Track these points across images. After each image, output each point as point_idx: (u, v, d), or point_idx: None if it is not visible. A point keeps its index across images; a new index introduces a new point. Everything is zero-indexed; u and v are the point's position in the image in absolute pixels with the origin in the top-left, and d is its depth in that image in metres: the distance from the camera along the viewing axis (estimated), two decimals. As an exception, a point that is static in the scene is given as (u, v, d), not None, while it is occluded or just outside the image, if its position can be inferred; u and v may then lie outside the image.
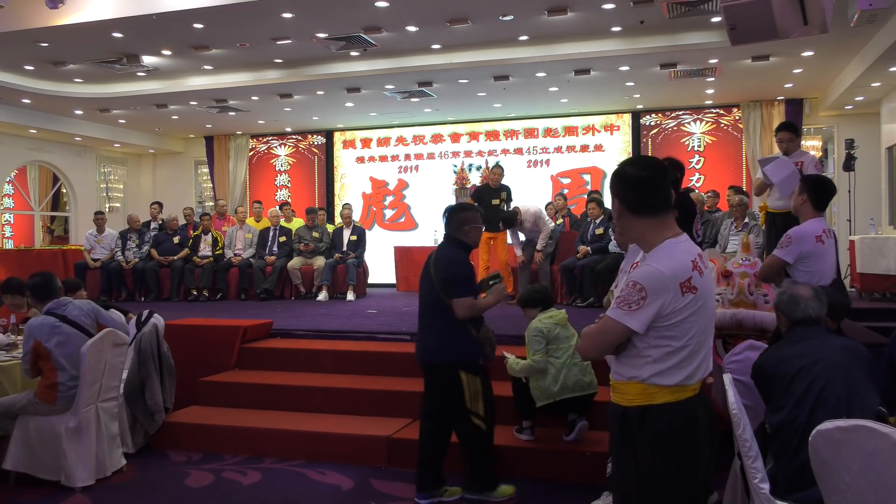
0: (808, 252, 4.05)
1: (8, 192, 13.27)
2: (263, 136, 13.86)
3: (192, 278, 9.64)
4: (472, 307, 3.83)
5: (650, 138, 11.88)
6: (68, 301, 4.53)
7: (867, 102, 10.08)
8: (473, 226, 3.98)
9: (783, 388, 2.78)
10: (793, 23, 4.93)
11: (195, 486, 4.32)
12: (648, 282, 2.06)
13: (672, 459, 2.10)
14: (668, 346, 2.08)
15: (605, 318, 2.15)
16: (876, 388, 2.77)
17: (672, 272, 2.07)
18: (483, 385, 3.90)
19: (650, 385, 2.11)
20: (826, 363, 2.74)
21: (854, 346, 2.90)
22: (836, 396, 2.66)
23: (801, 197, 4.25)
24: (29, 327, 4.34)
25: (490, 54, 8.70)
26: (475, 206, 4.07)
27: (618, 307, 2.10)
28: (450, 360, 3.88)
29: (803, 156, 5.67)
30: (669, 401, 2.10)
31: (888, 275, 7.75)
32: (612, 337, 2.12)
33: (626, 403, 2.17)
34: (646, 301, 2.04)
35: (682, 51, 8.33)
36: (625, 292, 2.09)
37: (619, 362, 2.19)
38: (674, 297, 2.05)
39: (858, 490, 2.12)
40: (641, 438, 2.12)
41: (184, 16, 7.30)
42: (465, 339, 3.85)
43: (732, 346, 4.05)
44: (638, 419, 2.13)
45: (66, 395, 4.27)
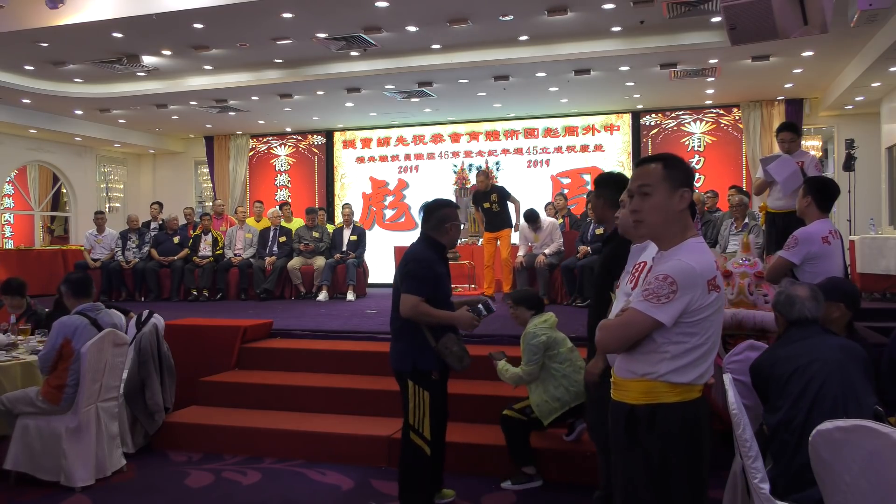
0: (815, 253, 4.05)
1: (8, 192, 13.27)
2: (263, 136, 13.86)
3: (192, 278, 9.64)
4: (415, 308, 3.53)
5: (650, 138, 11.88)
6: (101, 307, 4.54)
7: (867, 102, 10.08)
8: (454, 223, 3.73)
9: (780, 388, 2.77)
10: (793, 23, 4.93)
11: (195, 486, 4.32)
12: (680, 276, 2.05)
13: (683, 458, 2.09)
14: (687, 343, 2.07)
15: (630, 311, 2.10)
16: (872, 387, 2.76)
17: (701, 268, 2.07)
18: (432, 401, 3.59)
19: (664, 382, 2.09)
20: (822, 363, 2.73)
21: (850, 346, 2.88)
22: (833, 396, 2.65)
23: (806, 199, 4.26)
24: (61, 324, 4.31)
25: (490, 54, 8.70)
26: (454, 203, 3.77)
27: (645, 300, 2.06)
28: (399, 367, 3.65)
29: (804, 156, 5.68)
30: (679, 400, 2.09)
31: (888, 275, 7.74)
32: (637, 330, 2.08)
33: (632, 401, 2.14)
34: (676, 295, 2.03)
35: (682, 51, 8.33)
36: (653, 285, 2.06)
37: (631, 359, 2.15)
38: (701, 293, 2.05)
39: (859, 490, 2.12)
40: (651, 437, 2.10)
41: (184, 16, 7.30)
42: (419, 347, 3.59)
43: (732, 346, 4.05)
44: (647, 418, 2.10)
45: (71, 397, 4.28)
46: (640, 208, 2.16)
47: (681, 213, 2.16)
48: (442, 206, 3.77)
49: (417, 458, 3.60)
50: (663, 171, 2.15)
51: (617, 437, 2.21)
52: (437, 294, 3.63)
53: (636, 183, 2.18)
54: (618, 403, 2.21)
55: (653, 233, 2.19)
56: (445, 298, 3.70)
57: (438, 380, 3.66)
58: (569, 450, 4.33)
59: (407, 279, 3.59)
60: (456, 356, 3.58)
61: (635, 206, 2.18)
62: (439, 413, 3.66)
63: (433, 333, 3.59)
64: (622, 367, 2.20)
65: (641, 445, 2.12)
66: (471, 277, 9.64)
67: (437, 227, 3.70)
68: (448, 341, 3.57)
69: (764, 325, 4.21)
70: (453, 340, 3.59)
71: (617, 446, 2.24)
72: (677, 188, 2.15)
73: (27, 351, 4.94)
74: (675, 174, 2.15)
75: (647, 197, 2.15)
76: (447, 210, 3.75)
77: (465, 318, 3.59)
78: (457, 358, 3.59)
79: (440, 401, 3.67)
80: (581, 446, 4.32)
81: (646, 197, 2.16)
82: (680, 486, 2.09)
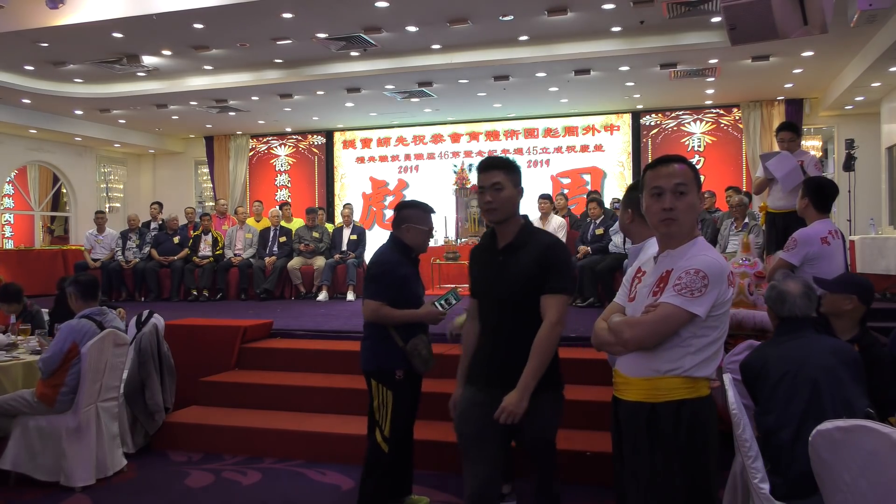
0: (815, 254, 4.05)
1: (8, 192, 13.28)
2: (263, 136, 13.86)
3: (192, 278, 9.64)
4: (376, 312, 3.49)
5: (650, 138, 11.89)
6: (107, 311, 4.54)
7: (867, 102, 10.09)
8: (412, 225, 3.60)
9: (769, 390, 2.75)
10: (793, 23, 4.93)
11: (195, 486, 4.32)
12: (710, 269, 2.09)
13: (706, 451, 2.12)
14: (709, 336, 2.12)
15: (664, 306, 2.10)
16: (864, 389, 2.71)
17: (725, 263, 2.14)
18: (395, 402, 3.52)
19: (686, 378, 2.11)
20: (813, 367, 2.69)
21: (842, 348, 2.82)
22: (824, 404, 2.61)
23: (804, 200, 4.27)
24: (70, 328, 4.29)
25: (490, 54, 8.71)
26: (424, 205, 3.69)
27: (679, 294, 2.08)
28: (364, 366, 3.62)
29: (803, 155, 5.68)
30: (698, 396, 2.13)
31: (888, 275, 7.74)
32: (673, 324, 2.09)
33: (654, 399, 2.14)
34: (708, 288, 2.07)
35: (682, 51, 8.33)
36: (685, 279, 2.09)
37: (653, 356, 2.14)
38: (726, 287, 2.11)
39: (858, 490, 2.12)
40: (679, 433, 2.10)
41: (184, 16, 7.31)
42: (384, 347, 3.53)
43: (732, 346, 4.05)
44: (672, 415, 2.10)
45: (66, 398, 4.27)
46: (676, 206, 2.16)
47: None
48: (404, 207, 3.69)
49: (376, 455, 3.56)
50: (691, 171, 2.20)
51: (637, 438, 2.18)
52: (403, 296, 3.55)
53: (671, 181, 2.17)
54: (634, 403, 2.19)
55: (681, 231, 2.19)
56: (415, 299, 3.60)
57: (403, 380, 3.56)
58: (569, 450, 4.32)
59: (368, 283, 3.56)
60: (422, 359, 3.53)
61: (671, 203, 2.16)
62: (404, 414, 3.59)
63: (401, 334, 3.52)
64: (641, 366, 2.18)
65: (653, 443, 2.12)
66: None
67: (398, 228, 3.65)
68: (418, 343, 3.52)
69: (764, 326, 4.21)
70: (423, 343, 3.54)
71: (623, 445, 2.23)
72: (699, 189, 2.23)
73: (27, 351, 4.94)
74: (697, 176, 2.23)
75: (683, 196, 2.16)
76: (407, 211, 3.65)
77: (429, 314, 3.53)
78: (422, 361, 3.53)
79: (405, 401, 3.58)
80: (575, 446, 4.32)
81: (682, 196, 2.16)
82: (692, 483, 2.11)
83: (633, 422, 2.19)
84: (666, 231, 2.20)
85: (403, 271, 3.58)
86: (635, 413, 2.18)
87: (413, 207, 3.67)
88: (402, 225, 3.60)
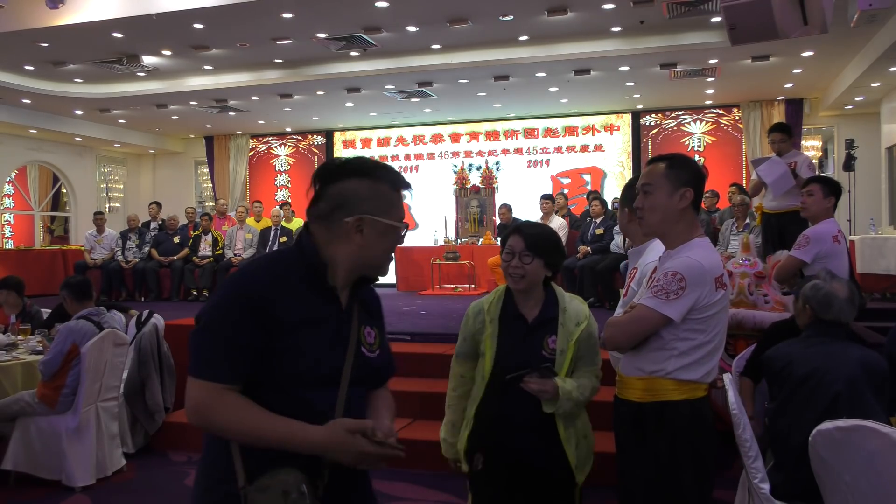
0: (826, 252, 4.04)
1: (8, 192, 13.27)
2: (263, 136, 13.86)
3: (192, 278, 9.63)
4: (206, 407, 2.07)
5: (650, 138, 11.88)
6: (104, 311, 4.54)
7: (867, 102, 10.08)
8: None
9: (789, 391, 2.69)
10: (793, 23, 4.93)
11: (195, 486, 4.32)
12: (689, 272, 2.07)
13: (691, 455, 2.11)
14: (695, 340, 2.10)
15: (639, 307, 2.12)
16: (884, 405, 2.62)
17: (710, 266, 2.10)
18: None
19: (672, 380, 2.10)
20: (837, 376, 2.59)
21: (871, 360, 2.67)
22: (839, 416, 2.47)
23: (829, 199, 4.21)
24: (69, 329, 4.29)
25: (490, 54, 8.70)
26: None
27: (654, 296, 2.08)
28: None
29: (797, 156, 5.70)
30: (687, 398, 2.11)
31: (888, 275, 7.73)
32: (646, 326, 2.10)
33: (640, 399, 2.15)
34: (684, 291, 2.06)
35: (682, 51, 8.33)
36: (662, 281, 2.09)
37: (639, 356, 2.16)
38: (709, 290, 2.08)
39: (858, 490, 2.12)
40: (660, 435, 2.11)
41: (184, 16, 7.30)
42: (213, 480, 2.30)
43: (732, 346, 4.06)
44: (655, 416, 2.11)
45: (67, 398, 4.27)
46: (641, 206, 2.21)
47: (682, 211, 2.18)
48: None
49: None
50: (666, 170, 2.19)
51: (624, 436, 2.22)
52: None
53: (640, 182, 2.24)
54: (624, 402, 2.22)
55: (654, 230, 2.24)
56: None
57: None
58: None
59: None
60: None
61: (638, 203, 2.22)
62: None
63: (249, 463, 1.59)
64: (629, 365, 2.21)
65: (650, 443, 2.13)
66: (471, 277, 9.65)
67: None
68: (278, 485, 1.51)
69: (763, 326, 4.21)
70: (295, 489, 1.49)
71: (624, 445, 2.24)
72: (679, 188, 2.17)
73: (27, 351, 4.93)
74: (678, 174, 2.19)
75: (647, 196, 2.20)
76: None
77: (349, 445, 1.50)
78: None
79: None
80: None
81: (646, 195, 2.20)
82: (688, 484, 2.10)
83: (623, 420, 2.23)
84: (641, 229, 2.27)
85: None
86: (627, 412, 2.21)
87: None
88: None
